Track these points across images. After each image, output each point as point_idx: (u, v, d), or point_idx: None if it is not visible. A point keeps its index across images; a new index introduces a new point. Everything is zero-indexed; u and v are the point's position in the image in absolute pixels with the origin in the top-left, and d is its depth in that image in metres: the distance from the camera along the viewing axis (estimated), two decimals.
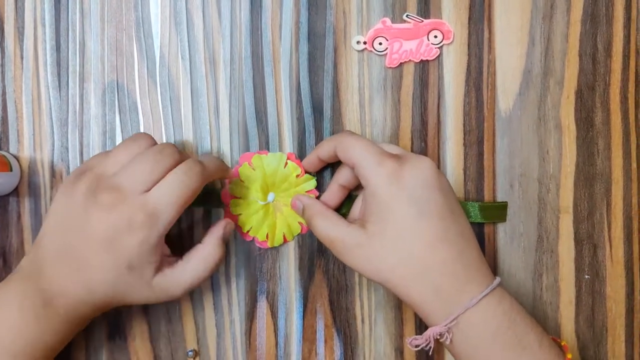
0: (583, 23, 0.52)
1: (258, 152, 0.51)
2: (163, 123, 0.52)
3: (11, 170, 0.50)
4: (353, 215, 0.49)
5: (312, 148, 0.51)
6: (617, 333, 0.52)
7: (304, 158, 0.51)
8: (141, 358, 0.52)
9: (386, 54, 0.51)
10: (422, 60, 0.52)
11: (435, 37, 0.51)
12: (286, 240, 0.52)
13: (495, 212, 0.52)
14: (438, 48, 0.51)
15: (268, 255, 0.52)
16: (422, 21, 0.51)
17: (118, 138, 0.52)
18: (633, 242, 0.52)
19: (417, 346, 0.45)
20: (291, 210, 0.51)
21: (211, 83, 0.52)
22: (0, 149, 0.52)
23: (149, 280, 0.44)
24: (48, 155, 0.52)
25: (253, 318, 0.52)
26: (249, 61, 0.52)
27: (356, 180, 0.48)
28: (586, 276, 0.52)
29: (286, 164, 0.51)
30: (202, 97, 0.52)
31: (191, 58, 0.52)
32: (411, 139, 0.52)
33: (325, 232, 0.46)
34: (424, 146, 0.52)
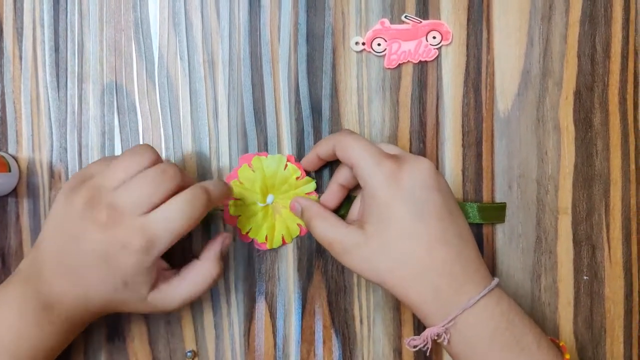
0: (582, 24, 0.52)
1: (258, 154, 0.51)
2: (162, 124, 0.52)
3: (10, 170, 0.50)
4: (352, 216, 0.49)
5: (311, 149, 0.51)
6: (616, 334, 0.52)
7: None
8: (140, 359, 0.52)
9: (385, 55, 0.51)
10: (421, 61, 0.52)
11: (433, 38, 0.51)
12: (285, 242, 0.52)
13: (493, 213, 0.52)
14: (437, 49, 0.51)
15: (267, 256, 0.52)
16: (421, 22, 0.51)
17: (117, 139, 0.52)
18: (631, 243, 0.52)
19: (415, 347, 0.45)
20: (290, 212, 0.51)
21: (210, 84, 0.52)
22: None
23: (144, 296, 0.44)
24: (47, 155, 0.52)
25: (252, 319, 0.52)
26: (248, 62, 0.52)
27: (355, 179, 0.48)
28: (585, 277, 0.52)
29: (286, 166, 0.51)
30: (201, 98, 0.52)
31: (190, 59, 0.52)
32: (410, 140, 0.52)
33: (323, 234, 0.46)
34: (423, 147, 0.52)
